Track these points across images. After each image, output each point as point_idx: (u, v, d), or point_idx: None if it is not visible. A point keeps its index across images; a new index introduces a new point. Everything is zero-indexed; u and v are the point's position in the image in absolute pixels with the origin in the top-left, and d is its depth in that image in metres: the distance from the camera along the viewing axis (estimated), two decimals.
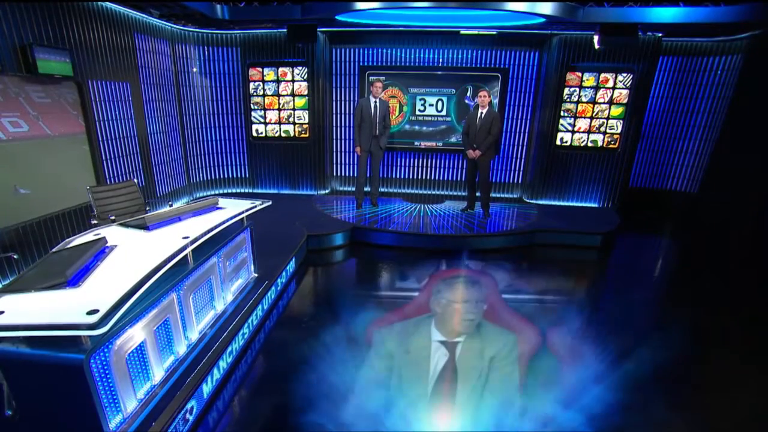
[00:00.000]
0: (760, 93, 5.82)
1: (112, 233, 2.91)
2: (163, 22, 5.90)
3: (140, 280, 2.16)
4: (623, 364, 2.84)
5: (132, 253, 2.59)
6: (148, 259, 2.46)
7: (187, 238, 2.84)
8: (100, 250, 2.53)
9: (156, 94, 5.86)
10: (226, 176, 7.41)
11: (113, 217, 3.39)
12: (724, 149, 6.43)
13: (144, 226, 2.98)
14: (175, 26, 6.19)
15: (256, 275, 4.11)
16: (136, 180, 5.00)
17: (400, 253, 5.48)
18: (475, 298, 1.89)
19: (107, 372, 2.03)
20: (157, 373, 2.49)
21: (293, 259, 4.79)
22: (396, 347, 1.95)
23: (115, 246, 2.66)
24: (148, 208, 4.10)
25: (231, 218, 3.40)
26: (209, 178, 7.28)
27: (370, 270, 5.20)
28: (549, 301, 4.30)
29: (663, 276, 5.23)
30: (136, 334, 2.27)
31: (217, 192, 7.36)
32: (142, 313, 2.34)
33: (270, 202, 3.93)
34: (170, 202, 4.17)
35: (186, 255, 2.81)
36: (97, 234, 2.86)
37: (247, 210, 3.69)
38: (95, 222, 3.61)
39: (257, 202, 3.88)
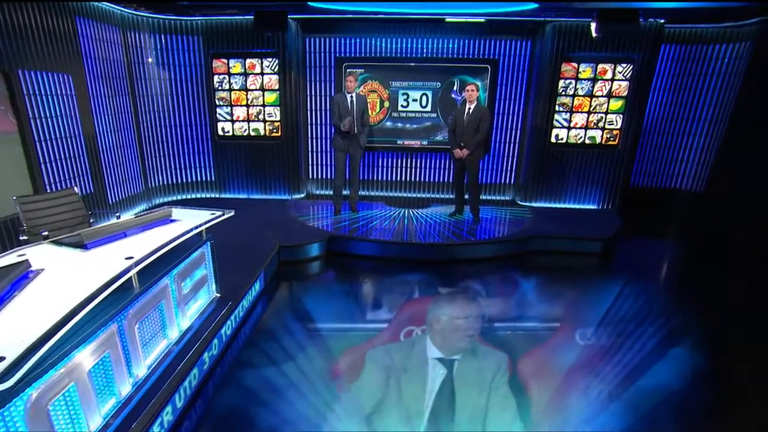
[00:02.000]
0: None
1: (40, 254, 2.66)
2: (110, 5, 5.63)
3: (65, 315, 1.94)
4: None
5: (61, 279, 2.35)
6: (81, 285, 2.23)
7: (131, 258, 2.61)
8: (20, 276, 2.29)
9: (105, 88, 5.58)
10: (189, 180, 7.18)
11: (46, 233, 3.13)
12: (733, 144, 6.41)
13: (80, 245, 2.74)
14: (125, 10, 5.92)
15: (218, 295, 3.90)
16: (77, 189, 4.69)
17: (382, 265, 5.35)
18: (474, 313, 2.08)
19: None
20: (94, 422, 2.26)
21: (262, 275, 4.60)
22: (392, 365, 2.07)
23: (42, 270, 2.42)
24: (92, 221, 3.84)
25: (186, 233, 3.18)
26: (170, 182, 7.04)
27: (349, 284, 5.05)
28: (542, 329, 4.09)
29: (672, 287, 5.15)
30: (63, 379, 2.04)
31: (180, 198, 7.14)
32: (70, 352, 2.11)
33: (232, 213, 3.72)
34: (117, 214, 3.93)
35: (130, 278, 2.59)
36: (22, 254, 2.60)
37: (205, 222, 3.46)
38: (25, 238, 3.35)
39: (217, 213, 3.66)
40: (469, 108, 5.70)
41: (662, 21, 6.12)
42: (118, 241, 2.91)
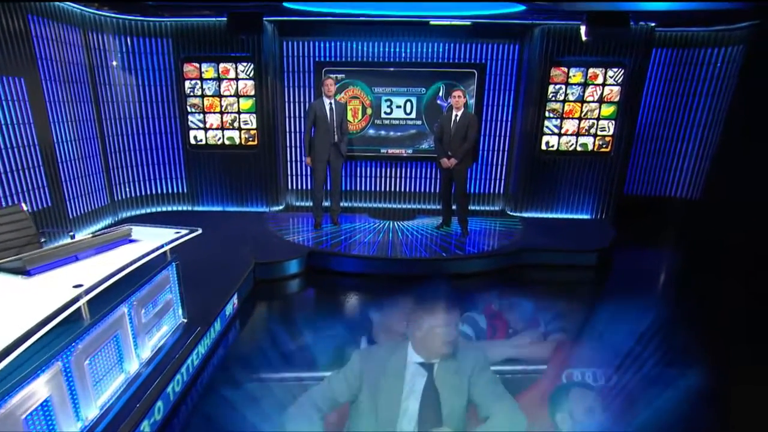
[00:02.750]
0: (765, 87, 5.84)
1: None
2: (69, 4, 5.39)
3: None
4: None
5: None
6: (18, 319, 2.02)
7: (80, 286, 2.40)
8: None
9: (64, 94, 5.34)
10: (159, 192, 6.97)
11: None
12: (728, 150, 6.44)
13: (22, 271, 2.51)
14: (86, 10, 5.68)
15: (185, 320, 3.68)
16: (27, 205, 4.44)
17: (366, 282, 5.24)
18: (453, 321, 2.22)
19: None
20: None
21: (235, 295, 4.41)
22: (372, 369, 2.19)
23: None
24: (43, 240, 3.59)
25: (146, 255, 2.97)
26: (139, 194, 6.82)
27: (330, 304, 4.89)
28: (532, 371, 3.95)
29: (672, 303, 5.04)
30: None
31: (150, 211, 6.92)
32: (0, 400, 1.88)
33: (199, 231, 3.52)
34: (71, 233, 3.68)
35: (79, 308, 2.37)
36: None
37: (169, 242, 3.25)
38: None
39: (183, 231, 3.46)
40: (456, 115, 5.63)
41: (653, 24, 6.12)
42: (67, 266, 2.69)
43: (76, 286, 2.40)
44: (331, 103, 5.82)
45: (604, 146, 6.68)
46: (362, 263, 5.33)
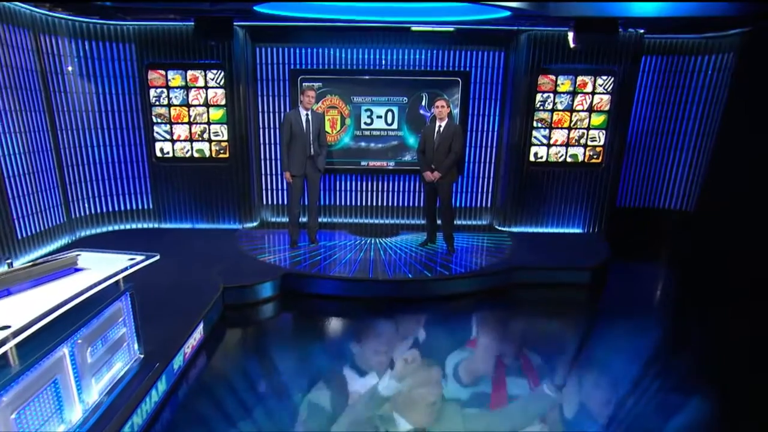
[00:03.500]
0: (757, 95, 5.84)
1: None
2: (17, 3, 5.12)
3: None
4: None
5: None
6: None
7: (7, 328, 2.14)
8: None
9: (10, 101, 5.03)
10: (122, 208, 6.72)
11: None
12: (722, 160, 6.43)
13: None
14: (37, 10, 5.40)
15: (142, 356, 3.41)
16: None
17: (345, 305, 5.07)
18: (434, 378, 2.16)
19: None
20: None
21: (201, 324, 4.15)
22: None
23: None
24: None
25: (93, 286, 2.71)
26: (99, 211, 6.55)
27: (305, 332, 4.67)
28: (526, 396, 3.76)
29: (670, 323, 4.98)
30: None
31: (112, 229, 6.66)
32: None
33: (157, 257, 3.28)
34: (9, 260, 3.38)
35: (6, 353, 2.12)
36: None
37: (121, 271, 3.00)
38: None
39: (138, 258, 3.21)
40: (440, 126, 5.54)
41: (642, 31, 6.12)
42: None
43: (2, 328, 2.14)
44: (307, 114, 5.70)
45: (594, 157, 6.65)
46: (341, 285, 5.15)
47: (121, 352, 3.19)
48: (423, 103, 6.63)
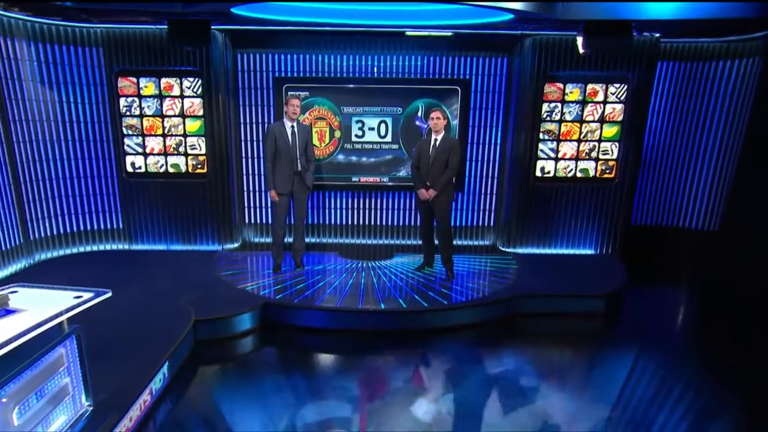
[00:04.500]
0: None
1: None
2: None
3: None
4: None
5: None
6: None
7: None
8: None
9: None
10: (88, 228, 6.50)
11: None
12: (748, 175, 6.25)
13: None
14: None
15: (91, 408, 3.09)
16: None
17: (332, 339, 4.89)
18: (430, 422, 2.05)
19: None
20: None
21: (166, 365, 3.87)
22: None
23: None
24: None
25: (26, 332, 2.41)
26: (62, 231, 6.31)
27: (288, 369, 4.42)
28: None
29: (695, 357, 4.72)
30: None
31: (77, 252, 6.43)
32: None
33: (108, 294, 2.97)
34: None
35: None
36: None
37: (62, 313, 2.69)
38: None
39: (85, 295, 2.90)
40: (436, 139, 5.39)
41: (658, 35, 5.98)
42: None
43: None
44: (293, 126, 5.54)
45: (607, 171, 6.50)
46: (327, 317, 4.94)
47: (64, 405, 2.87)
48: (419, 114, 6.50)
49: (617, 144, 6.40)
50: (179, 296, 4.98)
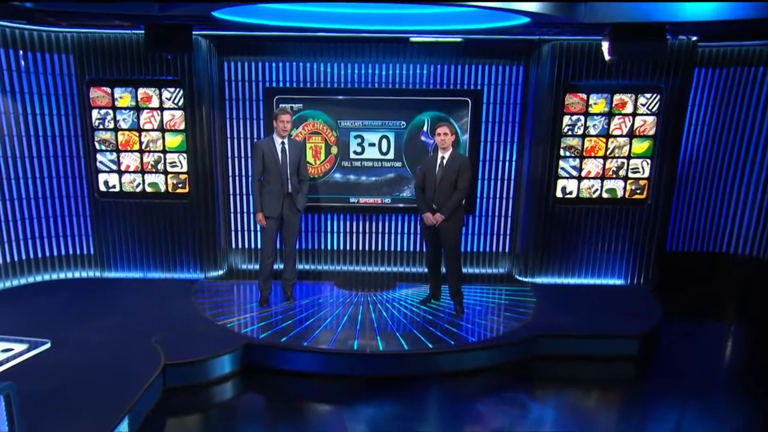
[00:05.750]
0: None
1: None
2: None
3: None
4: None
5: None
6: None
7: None
8: None
9: None
10: (55, 254, 6.42)
11: None
12: None
13: None
14: None
15: None
16: None
17: (325, 386, 4.73)
18: None
19: None
20: None
21: (126, 421, 3.60)
22: None
23: None
24: None
25: None
26: (25, 257, 6.23)
27: (272, 421, 4.34)
28: None
29: (747, 407, 4.47)
30: None
31: (41, 279, 6.32)
32: None
33: (47, 345, 2.69)
34: None
35: None
36: None
37: None
38: None
39: (17, 347, 2.62)
40: (443, 157, 5.28)
41: (695, 38, 5.84)
42: None
43: None
44: (283, 143, 5.47)
45: (638, 192, 6.36)
46: (319, 360, 4.79)
47: None
48: (425, 129, 6.43)
49: (649, 161, 6.29)
50: (150, 334, 4.81)
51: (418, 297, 5.97)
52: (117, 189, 6.34)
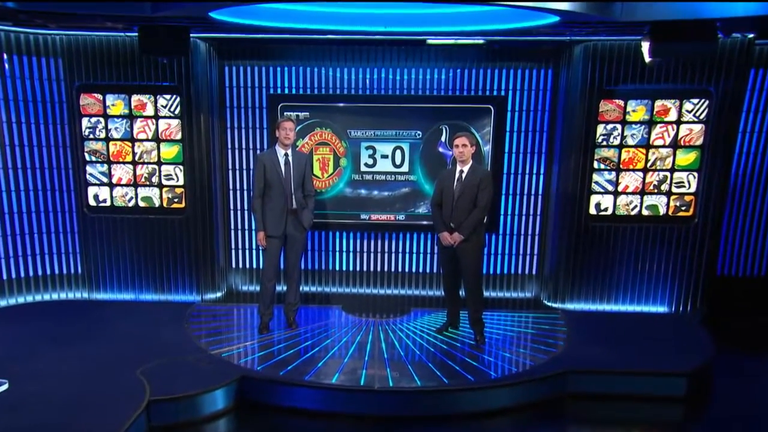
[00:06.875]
0: None
1: None
2: None
3: None
4: None
5: None
6: None
7: None
8: None
9: None
10: (40, 273, 6.47)
11: None
12: None
13: None
14: None
15: None
16: None
17: (329, 425, 4.56)
18: None
19: None
20: None
21: None
22: None
23: None
24: None
25: None
26: (7, 277, 6.27)
27: None
28: None
29: None
30: None
31: (24, 302, 6.34)
32: None
33: (5, 385, 2.51)
34: None
35: None
36: None
37: None
38: None
39: None
40: (462, 171, 5.21)
41: (751, 36, 5.66)
42: None
43: None
44: (287, 155, 5.45)
45: (683, 208, 6.22)
46: (321, 396, 4.67)
47: None
48: (443, 139, 6.39)
49: (696, 174, 6.15)
50: (137, 364, 4.71)
51: (435, 324, 5.89)
52: (108, 203, 6.36)
